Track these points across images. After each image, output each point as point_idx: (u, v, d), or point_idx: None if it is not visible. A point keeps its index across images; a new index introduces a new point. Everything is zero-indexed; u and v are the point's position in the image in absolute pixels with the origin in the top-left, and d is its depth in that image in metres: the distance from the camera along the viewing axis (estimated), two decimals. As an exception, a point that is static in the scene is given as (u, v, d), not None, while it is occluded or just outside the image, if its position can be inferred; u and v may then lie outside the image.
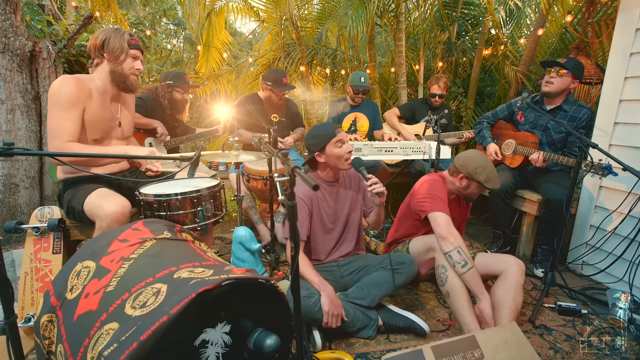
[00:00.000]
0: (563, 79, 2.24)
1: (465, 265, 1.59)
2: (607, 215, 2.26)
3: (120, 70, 1.75)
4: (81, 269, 1.20)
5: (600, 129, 2.29)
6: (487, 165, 1.80)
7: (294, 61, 3.88)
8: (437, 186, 1.86)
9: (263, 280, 1.12)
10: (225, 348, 1.09)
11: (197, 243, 1.41)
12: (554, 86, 2.27)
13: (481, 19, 3.68)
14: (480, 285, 1.59)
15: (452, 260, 1.63)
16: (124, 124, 1.91)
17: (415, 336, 1.73)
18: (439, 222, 1.71)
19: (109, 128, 1.84)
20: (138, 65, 1.80)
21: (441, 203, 1.78)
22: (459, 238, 1.66)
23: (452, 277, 1.64)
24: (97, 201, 1.62)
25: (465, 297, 1.61)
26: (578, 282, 2.33)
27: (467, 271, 1.59)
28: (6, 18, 3.20)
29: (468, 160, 1.81)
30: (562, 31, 3.20)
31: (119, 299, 1.00)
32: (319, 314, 1.56)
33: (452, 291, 1.63)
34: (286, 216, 1.72)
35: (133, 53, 1.77)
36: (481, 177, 1.79)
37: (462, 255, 1.61)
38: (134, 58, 1.79)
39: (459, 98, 3.72)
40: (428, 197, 1.81)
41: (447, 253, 1.64)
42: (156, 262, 1.13)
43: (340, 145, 1.72)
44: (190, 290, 0.93)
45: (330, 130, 1.72)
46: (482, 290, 1.59)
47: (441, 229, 1.69)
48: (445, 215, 1.73)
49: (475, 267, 1.61)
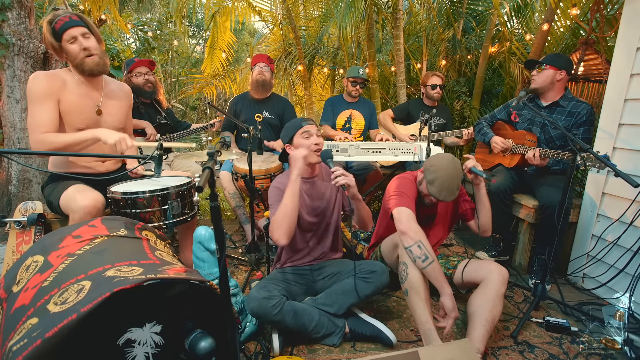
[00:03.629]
0: (543, 73, 2.23)
1: (426, 259, 1.52)
2: (610, 224, 2.07)
3: (72, 59, 1.72)
4: (31, 263, 1.22)
5: (603, 131, 2.11)
6: (447, 170, 1.63)
7: (293, 60, 3.86)
8: (405, 183, 1.79)
9: (196, 281, 1.10)
10: (157, 348, 1.08)
11: (151, 241, 1.42)
12: (537, 82, 2.26)
13: (487, 14, 3.50)
14: (441, 279, 1.51)
15: (412, 255, 1.55)
16: (105, 112, 1.89)
17: (383, 346, 1.66)
18: (399, 217, 1.64)
19: (91, 117, 1.84)
20: (83, 44, 1.68)
21: (405, 199, 1.70)
22: (420, 232, 1.58)
23: (412, 274, 1.56)
24: (72, 195, 1.66)
25: (422, 295, 1.52)
26: (577, 296, 2.16)
27: (428, 265, 1.51)
28: (21, 22, 3.39)
29: (433, 158, 1.72)
30: (574, 26, 2.98)
31: (48, 294, 1.01)
32: (278, 317, 1.52)
33: (410, 289, 1.55)
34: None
35: (66, 36, 1.66)
36: (429, 176, 1.68)
37: (423, 249, 1.53)
38: (72, 41, 1.68)
39: (463, 97, 3.56)
40: (394, 194, 1.74)
41: (408, 248, 1.57)
42: (95, 259, 1.14)
43: (307, 137, 1.70)
44: (107, 289, 0.92)
45: (298, 122, 1.74)
46: (442, 284, 1.50)
47: (401, 224, 1.61)
48: (407, 210, 1.65)
49: (436, 261, 1.52)
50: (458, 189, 1.68)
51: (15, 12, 3.34)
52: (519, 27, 3.63)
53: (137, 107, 2.77)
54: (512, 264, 2.50)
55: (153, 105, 2.89)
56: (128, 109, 2.05)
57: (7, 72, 3.37)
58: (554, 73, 2.21)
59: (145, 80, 2.72)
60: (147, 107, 2.84)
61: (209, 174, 0.82)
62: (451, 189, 1.65)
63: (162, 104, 2.94)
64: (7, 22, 3.29)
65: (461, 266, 1.86)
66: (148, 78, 2.74)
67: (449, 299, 1.49)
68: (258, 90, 2.86)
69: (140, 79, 2.70)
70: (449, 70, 3.71)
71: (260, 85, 2.84)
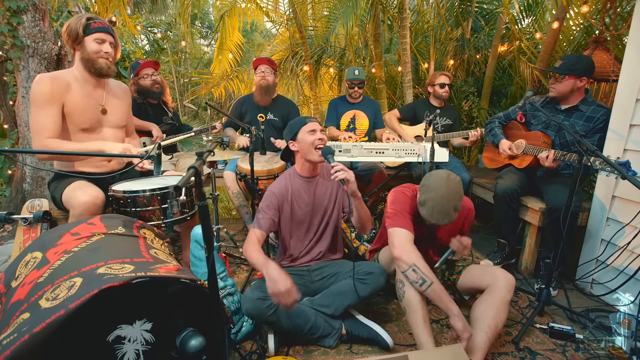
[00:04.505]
0: (564, 83, 2.11)
1: (424, 283, 1.46)
2: (620, 228, 2.00)
3: (87, 55, 1.78)
4: (30, 259, 1.26)
5: (614, 132, 2.03)
6: (439, 192, 1.53)
7: (300, 61, 3.86)
8: (400, 198, 1.71)
9: (187, 280, 1.11)
10: (147, 346, 1.09)
11: (148, 240, 1.43)
12: (556, 91, 2.16)
13: (497, 12, 3.42)
14: (444, 301, 1.45)
15: (409, 279, 1.51)
16: (110, 111, 1.94)
17: (380, 349, 1.64)
18: (392, 241, 1.58)
19: (96, 117, 1.88)
20: (106, 49, 1.80)
21: (399, 218, 1.63)
22: (414, 255, 1.51)
23: (408, 293, 1.51)
24: (72, 191, 1.71)
25: (420, 314, 1.48)
26: (585, 303, 2.09)
27: (427, 288, 1.46)
28: (35, 24, 3.49)
29: (427, 177, 1.62)
30: (587, 24, 2.89)
31: (42, 290, 1.04)
32: (273, 317, 1.52)
33: (408, 308, 1.51)
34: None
35: (96, 37, 1.77)
36: (421, 197, 1.60)
37: (419, 273, 1.47)
38: (99, 42, 1.79)
39: (471, 98, 3.49)
40: (390, 211, 1.68)
41: (403, 272, 1.53)
42: (89, 257, 1.16)
43: (312, 133, 1.71)
44: (96, 286, 0.94)
45: (303, 119, 1.75)
46: (448, 305, 1.44)
47: (395, 248, 1.56)
48: (401, 231, 1.58)
49: (436, 281, 1.46)
50: (456, 211, 1.56)
51: (30, 14, 3.45)
52: (529, 25, 3.55)
53: (144, 108, 2.82)
54: (518, 268, 2.44)
55: (160, 106, 2.94)
56: (128, 107, 2.09)
57: (22, 73, 3.48)
58: (574, 82, 2.10)
59: (152, 82, 2.76)
60: (154, 108, 2.89)
61: (192, 174, 0.82)
62: (445, 212, 1.54)
63: (168, 104, 2.98)
64: (22, 24, 3.40)
65: (466, 272, 1.82)
66: (155, 79, 2.78)
67: (458, 321, 1.41)
68: (263, 97, 2.87)
69: (148, 80, 2.74)
70: (457, 70, 3.65)
71: (264, 90, 2.85)
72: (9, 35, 3.37)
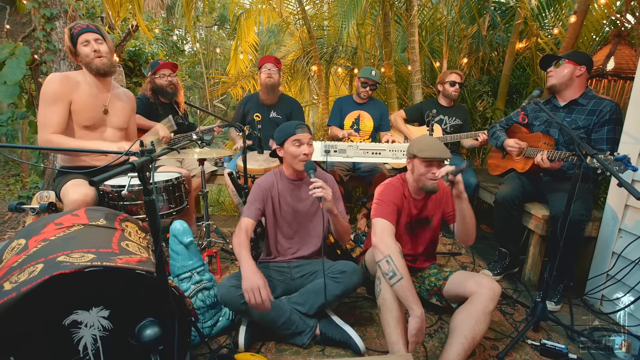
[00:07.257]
0: (561, 68, 2.01)
1: (394, 276, 1.42)
2: (632, 240, 1.82)
3: (84, 60, 1.92)
4: (15, 245, 1.36)
5: (628, 135, 1.85)
6: (426, 137, 1.66)
7: (309, 60, 3.87)
8: (388, 190, 1.71)
9: (142, 272, 1.15)
10: (105, 332, 1.15)
11: (126, 232, 1.50)
12: (554, 77, 2.05)
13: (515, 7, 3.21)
14: (410, 299, 1.38)
15: (381, 270, 1.47)
16: (111, 112, 2.06)
17: (353, 353, 1.60)
18: (374, 229, 1.57)
19: (99, 116, 2.02)
20: (94, 48, 1.89)
21: (383, 207, 1.62)
22: (392, 247, 1.48)
23: (384, 291, 1.48)
24: (67, 188, 1.83)
25: (393, 314, 1.44)
26: (591, 320, 1.91)
27: (396, 282, 1.41)
28: (66, 30, 3.77)
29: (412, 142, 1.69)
30: (612, 18, 2.64)
31: (11, 274, 1.12)
32: (244, 306, 1.52)
33: (382, 306, 1.48)
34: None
35: (81, 40, 1.88)
36: (414, 149, 1.63)
37: (391, 265, 1.43)
38: (85, 44, 1.89)
39: (485, 97, 3.32)
40: (375, 202, 1.67)
41: (377, 262, 1.49)
42: (60, 245, 1.23)
43: (297, 145, 1.70)
44: (48, 272, 1.00)
45: (292, 128, 1.71)
46: (411, 304, 1.37)
47: (375, 236, 1.54)
48: (383, 222, 1.57)
49: (406, 278, 1.40)
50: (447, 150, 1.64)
51: (62, 20, 3.73)
52: (549, 20, 3.30)
53: (156, 107, 2.95)
54: (522, 279, 2.29)
55: (171, 105, 3.07)
56: (132, 112, 2.21)
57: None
58: (573, 68, 1.99)
59: (168, 82, 2.89)
60: (165, 108, 3.02)
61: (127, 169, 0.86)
62: (442, 148, 1.60)
63: (180, 106, 3.10)
64: (54, 30, 3.68)
65: (452, 277, 1.75)
66: (171, 80, 2.91)
67: (415, 322, 1.34)
68: (268, 95, 2.92)
69: (164, 80, 2.88)
70: (472, 69, 3.48)
71: (269, 88, 2.89)
72: (44, 40, 3.67)
